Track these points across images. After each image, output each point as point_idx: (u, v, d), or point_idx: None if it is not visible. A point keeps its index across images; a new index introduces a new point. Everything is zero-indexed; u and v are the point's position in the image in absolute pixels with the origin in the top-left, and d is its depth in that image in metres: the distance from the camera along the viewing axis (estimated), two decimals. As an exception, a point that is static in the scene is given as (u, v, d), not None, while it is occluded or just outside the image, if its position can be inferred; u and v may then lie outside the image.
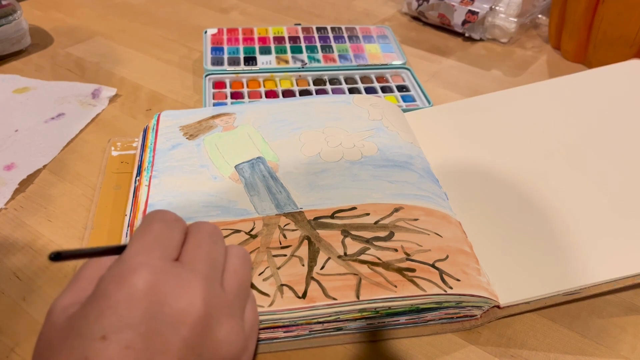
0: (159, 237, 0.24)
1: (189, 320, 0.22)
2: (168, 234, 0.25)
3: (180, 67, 0.60)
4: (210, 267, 0.25)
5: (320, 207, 0.36)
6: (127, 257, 0.23)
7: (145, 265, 0.22)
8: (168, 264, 0.23)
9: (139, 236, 0.24)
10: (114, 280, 0.22)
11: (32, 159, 0.46)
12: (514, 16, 0.64)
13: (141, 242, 0.24)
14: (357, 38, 0.63)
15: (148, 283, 0.22)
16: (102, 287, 0.22)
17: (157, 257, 0.23)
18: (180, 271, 0.23)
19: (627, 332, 0.34)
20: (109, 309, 0.21)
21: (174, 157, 0.40)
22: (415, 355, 0.32)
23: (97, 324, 0.21)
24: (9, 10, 0.58)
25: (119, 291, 0.21)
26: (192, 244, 0.25)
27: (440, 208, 0.37)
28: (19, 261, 0.37)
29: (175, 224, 0.26)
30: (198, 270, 0.24)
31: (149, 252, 0.23)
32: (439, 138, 0.45)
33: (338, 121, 0.44)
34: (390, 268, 0.32)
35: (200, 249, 0.25)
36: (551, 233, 0.36)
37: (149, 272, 0.22)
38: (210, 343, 0.23)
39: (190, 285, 0.23)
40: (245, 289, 0.27)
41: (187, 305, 0.22)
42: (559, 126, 0.43)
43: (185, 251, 0.25)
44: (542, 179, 0.39)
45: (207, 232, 0.26)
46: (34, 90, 0.55)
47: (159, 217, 0.25)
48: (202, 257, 0.25)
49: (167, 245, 0.24)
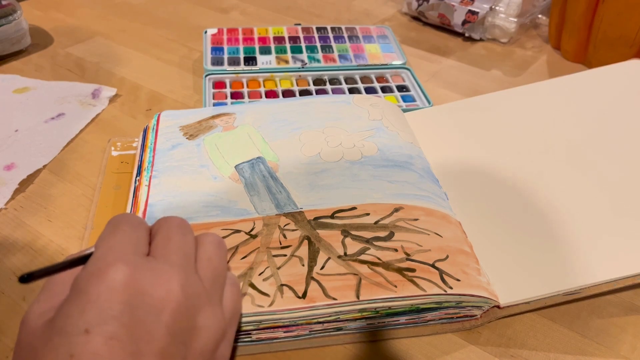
0: (127, 237, 0.24)
1: (169, 307, 0.22)
2: (134, 233, 0.25)
3: (180, 67, 0.60)
4: (183, 257, 0.25)
5: (320, 207, 0.36)
6: (100, 256, 0.23)
7: (121, 259, 0.23)
8: (141, 258, 0.24)
9: (107, 238, 0.24)
10: (92, 276, 0.22)
11: (32, 159, 0.46)
12: (514, 16, 0.64)
13: (111, 242, 0.24)
14: (357, 38, 0.63)
15: (126, 275, 0.22)
16: (80, 284, 0.22)
17: (130, 252, 0.23)
18: (154, 264, 0.24)
19: (627, 332, 0.34)
20: (90, 304, 0.21)
21: (174, 157, 0.40)
22: (415, 355, 0.32)
23: (79, 319, 0.21)
24: (9, 10, 0.58)
25: (99, 285, 0.21)
26: (162, 237, 0.26)
27: (440, 208, 0.37)
28: (19, 261, 0.37)
29: (140, 226, 0.26)
30: (172, 261, 0.24)
31: (121, 249, 0.23)
32: (439, 138, 0.45)
33: (338, 121, 0.44)
34: (390, 268, 0.32)
35: (170, 242, 0.25)
36: (551, 233, 0.36)
37: (126, 265, 0.22)
38: (191, 329, 0.23)
39: (166, 275, 0.23)
40: (221, 276, 0.27)
41: (167, 293, 0.23)
42: (559, 126, 0.43)
43: (155, 246, 0.25)
44: (542, 179, 0.39)
45: (174, 225, 0.27)
46: (34, 90, 0.55)
47: (122, 219, 0.26)
48: (173, 249, 0.25)
49: (136, 242, 0.25)
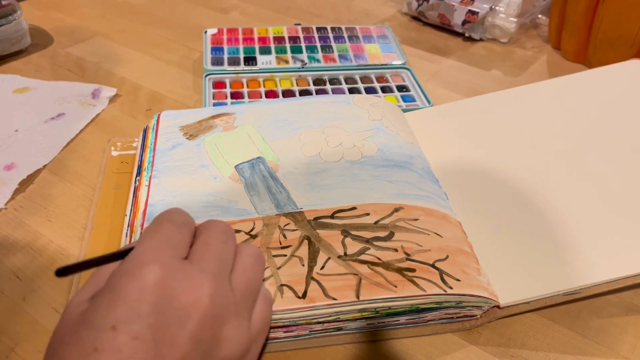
0: (168, 237, 0.25)
1: (196, 314, 0.23)
2: (177, 234, 0.25)
3: (180, 67, 0.60)
4: (219, 265, 0.25)
5: (320, 207, 0.36)
6: (137, 254, 0.23)
7: (156, 261, 0.23)
8: (177, 262, 0.24)
9: (148, 236, 0.25)
10: (125, 274, 0.22)
11: (32, 159, 0.46)
12: (514, 16, 0.64)
13: (151, 241, 0.24)
14: (357, 38, 0.63)
15: (158, 277, 0.22)
16: (113, 281, 0.22)
17: (167, 255, 0.24)
18: (188, 268, 0.24)
19: (627, 332, 0.34)
20: (119, 301, 0.21)
21: (174, 157, 0.40)
22: (415, 355, 0.32)
23: (108, 315, 0.21)
24: (9, 10, 0.58)
25: (130, 284, 0.22)
26: (201, 242, 0.26)
27: (440, 208, 0.37)
28: (19, 261, 0.37)
29: (184, 226, 0.26)
30: (206, 268, 0.24)
31: (158, 250, 0.24)
32: (439, 138, 0.45)
33: (338, 121, 0.44)
34: (390, 268, 0.32)
35: (209, 248, 0.26)
36: (551, 233, 0.36)
37: (160, 267, 0.23)
38: (215, 339, 0.23)
39: (198, 282, 0.23)
40: (254, 290, 0.27)
41: (195, 300, 0.23)
42: (559, 126, 0.43)
43: (194, 250, 0.25)
44: (542, 179, 0.39)
45: (217, 231, 0.27)
46: (34, 90, 0.55)
47: (168, 217, 0.26)
48: (211, 255, 0.25)
49: (176, 245, 0.25)
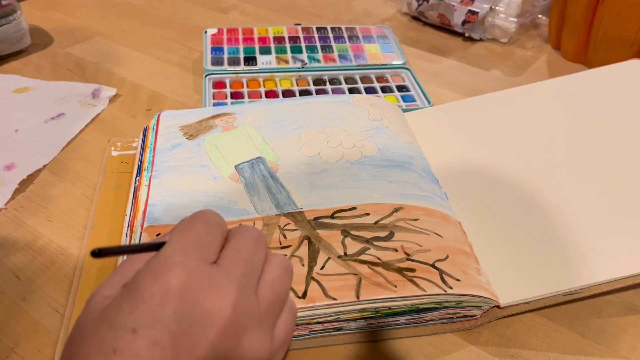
0: (198, 238, 0.24)
1: (217, 323, 0.22)
2: (208, 236, 0.25)
3: (180, 67, 0.60)
4: (247, 273, 0.25)
5: (320, 207, 0.36)
6: (165, 254, 0.23)
7: (182, 264, 0.22)
8: (204, 266, 0.23)
9: (179, 234, 0.24)
10: (150, 275, 0.22)
11: (32, 159, 0.46)
12: (514, 16, 0.64)
13: (181, 241, 0.24)
14: (357, 38, 0.63)
15: (182, 282, 0.22)
16: (138, 281, 0.22)
17: (195, 258, 0.23)
18: (215, 274, 0.23)
19: (627, 332, 0.34)
20: (142, 303, 0.21)
21: (174, 157, 0.40)
22: (415, 355, 0.32)
23: (129, 316, 0.21)
24: (9, 10, 0.58)
25: (153, 287, 0.22)
26: (232, 248, 0.25)
27: (440, 208, 0.37)
28: (19, 261, 0.37)
29: (217, 228, 0.25)
30: (233, 275, 0.24)
31: (187, 252, 0.23)
32: (439, 138, 0.45)
33: (338, 121, 0.44)
34: (390, 268, 0.32)
35: (239, 254, 0.25)
36: (551, 233, 0.36)
37: (185, 272, 0.22)
38: (235, 350, 0.23)
39: (223, 290, 0.23)
40: (281, 301, 0.26)
41: (218, 308, 0.22)
42: (558, 126, 0.43)
43: (224, 255, 0.25)
44: (542, 179, 0.39)
45: (249, 237, 0.26)
46: (34, 90, 0.55)
47: (201, 218, 0.25)
48: (240, 262, 0.25)
49: (206, 247, 0.24)
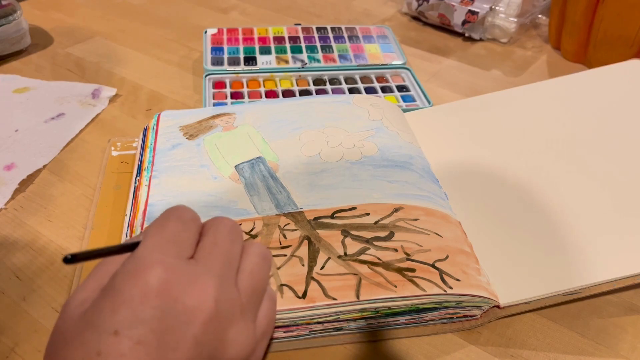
0: (174, 235, 0.24)
1: (200, 318, 0.22)
2: (183, 232, 0.25)
3: (180, 67, 0.60)
4: (225, 265, 0.25)
5: (320, 207, 0.36)
6: (141, 254, 0.23)
7: (160, 262, 0.22)
8: (182, 262, 0.23)
9: (153, 232, 0.24)
10: (128, 276, 0.22)
11: (32, 159, 0.46)
12: (514, 16, 0.64)
13: (156, 239, 0.24)
14: (357, 38, 0.63)
15: (162, 280, 0.22)
16: (116, 283, 0.22)
17: (172, 255, 0.23)
18: (193, 269, 0.23)
19: (627, 332, 0.34)
20: (123, 304, 0.21)
21: (174, 157, 0.40)
22: (415, 355, 0.32)
23: (111, 318, 0.21)
24: (9, 10, 0.58)
25: (133, 287, 0.22)
26: (208, 241, 0.25)
27: (440, 208, 0.37)
28: (19, 261, 0.37)
29: (191, 223, 0.25)
30: (212, 268, 0.24)
31: (163, 249, 0.23)
32: (439, 138, 0.45)
33: (338, 121, 0.44)
34: (390, 268, 0.32)
35: (216, 247, 0.25)
36: (551, 233, 0.36)
37: (163, 269, 0.22)
38: (221, 342, 0.23)
39: (203, 284, 0.23)
40: (261, 289, 0.27)
41: (199, 303, 0.22)
42: (559, 126, 0.43)
43: (201, 249, 0.25)
44: (542, 179, 0.39)
45: (224, 229, 0.26)
46: (34, 90, 0.55)
47: (175, 214, 0.25)
48: (217, 255, 0.25)
49: (182, 243, 0.24)
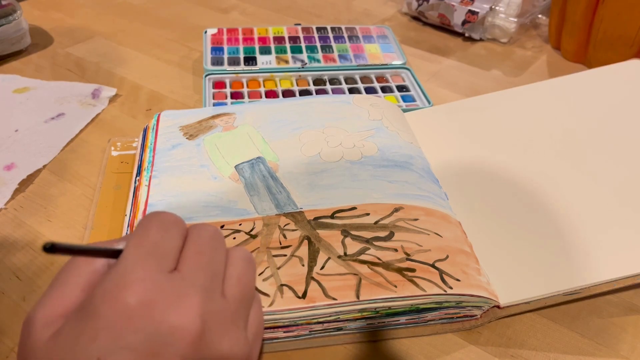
0: (156, 245, 0.23)
1: (187, 338, 0.21)
2: (166, 241, 0.23)
3: (180, 67, 0.60)
4: (210, 276, 0.24)
5: (320, 207, 0.36)
6: (121, 270, 0.21)
7: (141, 280, 0.21)
8: (164, 278, 0.22)
9: (135, 243, 0.23)
10: (108, 295, 0.21)
11: (32, 159, 0.46)
12: (514, 16, 0.64)
13: (137, 251, 0.22)
14: (357, 38, 0.63)
15: (143, 300, 0.21)
16: (95, 304, 0.21)
17: (153, 270, 0.22)
18: (177, 284, 0.22)
19: (627, 332, 0.34)
20: (103, 330, 0.20)
21: (174, 157, 0.40)
22: (415, 355, 0.32)
23: (90, 346, 0.20)
24: (9, 10, 0.58)
25: (113, 309, 0.20)
26: (192, 250, 0.24)
27: (440, 208, 0.37)
28: (19, 261, 0.37)
29: (174, 228, 0.24)
30: (197, 281, 0.23)
31: (144, 264, 0.22)
32: (439, 138, 0.45)
33: (338, 121, 0.44)
34: (390, 268, 0.32)
35: (200, 257, 0.24)
36: (551, 233, 0.36)
37: (145, 289, 0.21)
38: (213, 356, 0.22)
39: (187, 300, 0.22)
40: (250, 295, 0.26)
41: (185, 323, 0.21)
42: (558, 126, 0.43)
43: (185, 259, 0.24)
44: (542, 179, 0.39)
45: (208, 236, 0.25)
46: (34, 90, 0.55)
47: (156, 220, 0.24)
48: (201, 266, 0.23)
49: (165, 254, 0.23)
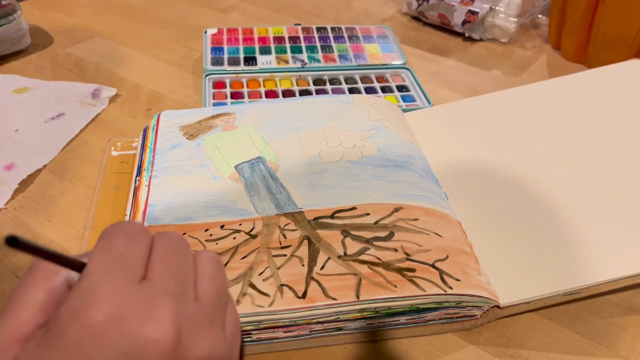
0: (122, 256, 0.22)
1: (163, 349, 0.20)
2: (132, 251, 0.22)
3: (180, 67, 0.60)
4: (181, 282, 0.23)
5: (320, 207, 0.36)
6: (87, 285, 0.20)
7: (109, 294, 0.20)
8: (134, 288, 0.21)
9: (100, 256, 0.22)
10: (75, 315, 0.20)
11: (32, 159, 0.46)
12: (514, 16, 0.64)
13: (103, 263, 0.21)
14: (357, 38, 0.63)
15: (114, 315, 0.20)
16: (61, 325, 0.19)
17: (122, 282, 0.21)
18: (147, 294, 0.21)
19: (627, 332, 0.34)
20: (73, 352, 0.19)
21: (174, 157, 0.40)
22: (415, 355, 0.32)
23: None
24: (9, 10, 0.58)
25: (82, 328, 0.19)
26: (159, 258, 0.23)
27: (440, 208, 0.37)
28: (19, 261, 0.37)
29: (140, 237, 0.23)
30: (167, 289, 0.22)
31: (111, 276, 0.21)
32: (439, 138, 0.45)
33: (338, 121, 0.44)
34: (390, 268, 0.32)
35: (168, 264, 0.23)
36: (551, 233, 0.36)
37: (114, 303, 0.20)
38: None
39: (160, 310, 0.21)
40: (224, 295, 0.25)
41: (159, 335, 0.20)
42: (558, 126, 0.43)
43: (153, 267, 0.23)
44: (541, 180, 0.39)
45: (172, 243, 0.24)
46: (34, 90, 0.55)
47: (121, 230, 0.23)
48: (171, 272, 0.23)
49: (132, 264, 0.22)
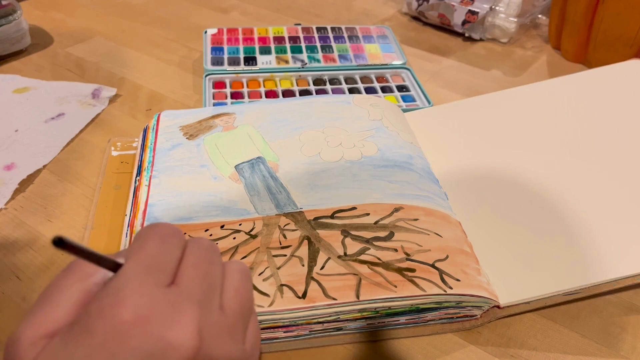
0: (153, 258, 0.23)
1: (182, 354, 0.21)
2: (164, 254, 0.23)
3: (180, 67, 0.60)
4: (207, 290, 0.23)
5: (320, 207, 0.36)
6: (118, 285, 0.21)
7: (138, 295, 0.21)
8: (161, 293, 0.22)
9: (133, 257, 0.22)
10: (103, 312, 0.20)
11: (32, 159, 0.46)
12: (514, 16, 0.64)
13: (135, 265, 0.22)
14: (357, 38, 0.63)
15: (140, 317, 0.20)
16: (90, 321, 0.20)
17: (150, 284, 0.22)
18: (174, 299, 0.22)
19: (627, 332, 0.34)
20: (97, 349, 0.19)
21: (174, 157, 0.40)
22: (415, 355, 0.32)
23: None
24: (9, 10, 0.58)
25: (108, 325, 0.20)
26: (188, 265, 0.24)
27: (440, 208, 0.37)
28: (19, 261, 0.37)
29: (173, 240, 0.24)
30: (194, 296, 0.22)
31: (142, 278, 0.22)
32: (438, 138, 0.45)
33: (338, 121, 0.44)
34: (390, 268, 0.32)
35: (197, 271, 0.24)
36: (551, 233, 0.36)
37: (141, 304, 0.21)
38: None
39: (185, 316, 0.21)
40: (248, 307, 0.26)
41: (183, 339, 0.21)
42: (558, 126, 0.43)
43: (182, 272, 0.23)
44: (541, 180, 0.39)
45: (203, 250, 0.25)
46: (34, 90, 0.55)
47: (155, 232, 0.24)
48: (198, 280, 0.23)
49: (162, 267, 0.23)
